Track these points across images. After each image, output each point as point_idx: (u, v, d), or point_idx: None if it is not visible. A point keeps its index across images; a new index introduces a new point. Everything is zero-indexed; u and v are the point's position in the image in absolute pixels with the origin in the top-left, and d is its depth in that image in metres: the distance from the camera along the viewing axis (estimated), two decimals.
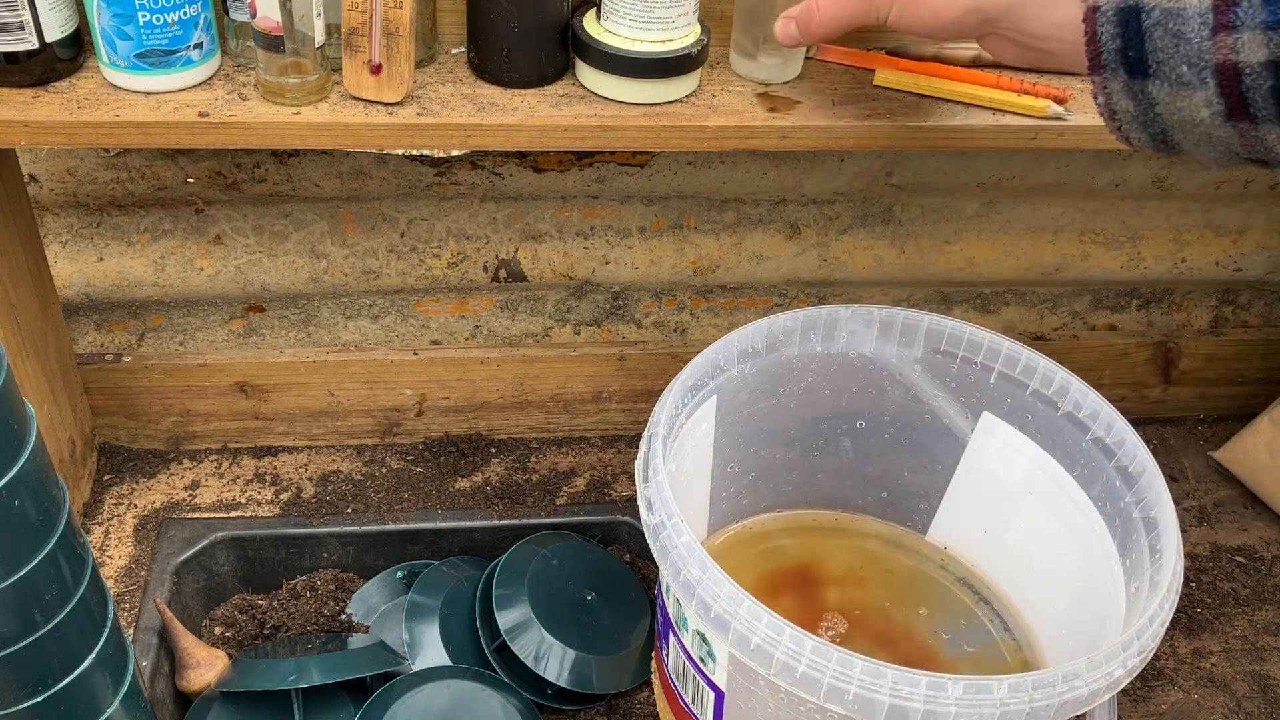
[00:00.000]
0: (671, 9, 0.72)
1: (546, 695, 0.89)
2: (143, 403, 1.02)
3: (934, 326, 0.85)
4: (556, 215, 1.01)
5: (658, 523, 0.70)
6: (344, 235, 0.99)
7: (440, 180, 0.96)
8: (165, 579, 0.92)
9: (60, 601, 0.59)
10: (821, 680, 0.62)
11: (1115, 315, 1.18)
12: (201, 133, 0.71)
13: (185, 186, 0.94)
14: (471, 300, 1.06)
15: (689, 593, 0.67)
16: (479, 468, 1.06)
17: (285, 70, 0.71)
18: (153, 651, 0.87)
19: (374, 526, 0.99)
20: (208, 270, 0.99)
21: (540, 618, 0.90)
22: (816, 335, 0.86)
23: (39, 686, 0.60)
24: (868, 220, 1.05)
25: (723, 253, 1.05)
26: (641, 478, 0.74)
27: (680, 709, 0.80)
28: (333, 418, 1.06)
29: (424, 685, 0.85)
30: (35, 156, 0.91)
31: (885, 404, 0.90)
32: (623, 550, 1.02)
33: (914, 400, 0.89)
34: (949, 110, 0.78)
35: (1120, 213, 1.09)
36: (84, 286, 0.99)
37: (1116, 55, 0.51)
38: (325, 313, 1.04)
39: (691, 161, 0.98)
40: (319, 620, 0.94)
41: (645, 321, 1.10)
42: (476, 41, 0.75)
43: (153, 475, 1.02)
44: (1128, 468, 0.77)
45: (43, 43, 0.69)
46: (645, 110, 0.75)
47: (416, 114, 0.73)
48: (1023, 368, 0.83)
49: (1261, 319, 1.20)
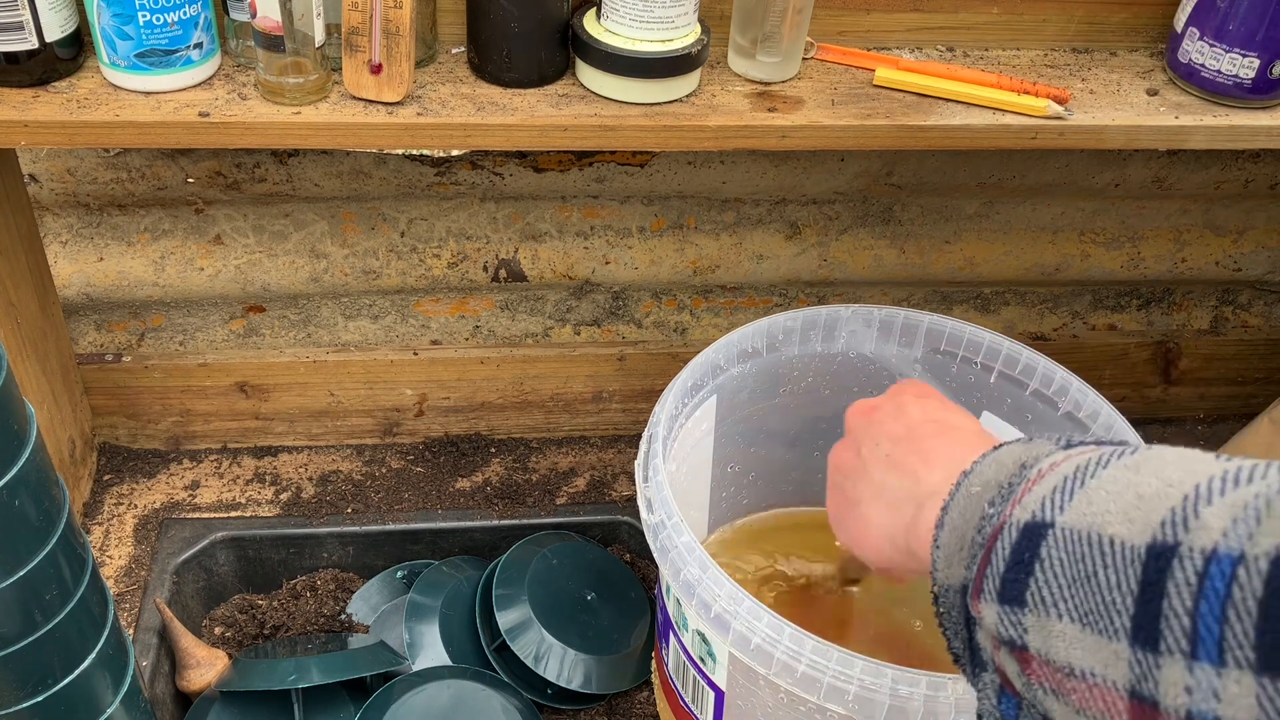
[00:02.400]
0: (671, 9, 0.72)
1: (546, 695, 0.89)
2: (143, 403, 1.02)
3: (934, 326, 0.85)
4: (556, 215, 1.01)
5: (658, 522, 0.70)
6: (344, 235, 0.99)
7: (440, 180, 0.96)
8: (165, 579, 0.92)
9: (60, 601, 0.59)
10: (821, 680, 0.62)
11: (1115, 315, 1.18)
12: (201, 133, 0.71)
13: (185, 186, 0.94)
14: (471, 300, 1.06)
15: (689, 592, 0.67)
16: (479, 468, 1.06)
17: (285, 70, 0.71)
18: (153, 651, 0.87)
19: (374, 526, 0.99)
20: (208, 270, 0.99)
21: (540, 618, 0.90)
22: (816, 335, 0.86)
23: (39, 686, 0.60)
24: (868, 220, 1.05)
25: (723, 253, 1.05)
26: (641, 477, 0.74)
27: (680, 709, 0.80)
28: (333, 418, 1.06)
29: (424, 685, 0.85)
30: (35, 156, 0.91)
31: None
32: (623, 550, 1.02)
33: None
34: (949, 110, 0.78)
35: (1120, 212, 1.09)
36: (84, 286, 0.99)
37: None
38: (325, 313, 1.04)
39: (691, 161, 0.98)
40: (319, 620, 0.94)
41: (645, 321, 1.10)
42: (476, 41, 0.75)
43: (153, 475, 1.02)
44: None
45: (43, 42, 0.69)
46: (645, 110, 0.75)
47: (416, 114, 0.73)
48: (1023, 368, 0.83)
49: (1262, 319, 1.20)
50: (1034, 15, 0.83)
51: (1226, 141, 0.80)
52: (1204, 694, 0.31)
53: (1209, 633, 0.31)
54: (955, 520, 0.44)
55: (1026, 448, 0.44)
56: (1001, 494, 0.42)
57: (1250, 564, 0.31)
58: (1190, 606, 0.32)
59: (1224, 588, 0.31)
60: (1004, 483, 0.42)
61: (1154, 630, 0.33)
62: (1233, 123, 0.79)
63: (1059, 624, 0.37)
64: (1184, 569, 0.33)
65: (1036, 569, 0.38)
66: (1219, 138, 0.80)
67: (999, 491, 0.42)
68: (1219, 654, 0.31)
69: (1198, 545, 0.33)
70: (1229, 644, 0.31)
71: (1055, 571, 0.37)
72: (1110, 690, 0.35)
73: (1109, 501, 0.37)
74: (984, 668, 0.42)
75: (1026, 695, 0.40)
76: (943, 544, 0.44)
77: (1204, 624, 0.32)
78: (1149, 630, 0.33)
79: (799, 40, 0.77)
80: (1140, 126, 0.79)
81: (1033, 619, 0.38)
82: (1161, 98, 0.81)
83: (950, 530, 0.44)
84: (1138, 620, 0.34)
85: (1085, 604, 0.36)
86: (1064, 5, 0.83)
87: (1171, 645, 0.33)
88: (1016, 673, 0.39)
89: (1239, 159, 1.05)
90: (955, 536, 0.43)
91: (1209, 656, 0.31)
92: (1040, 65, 0.84)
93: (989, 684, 0.42)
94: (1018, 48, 0.85)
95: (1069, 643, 0.36)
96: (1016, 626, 0.39)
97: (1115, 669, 0.35)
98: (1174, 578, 0.33)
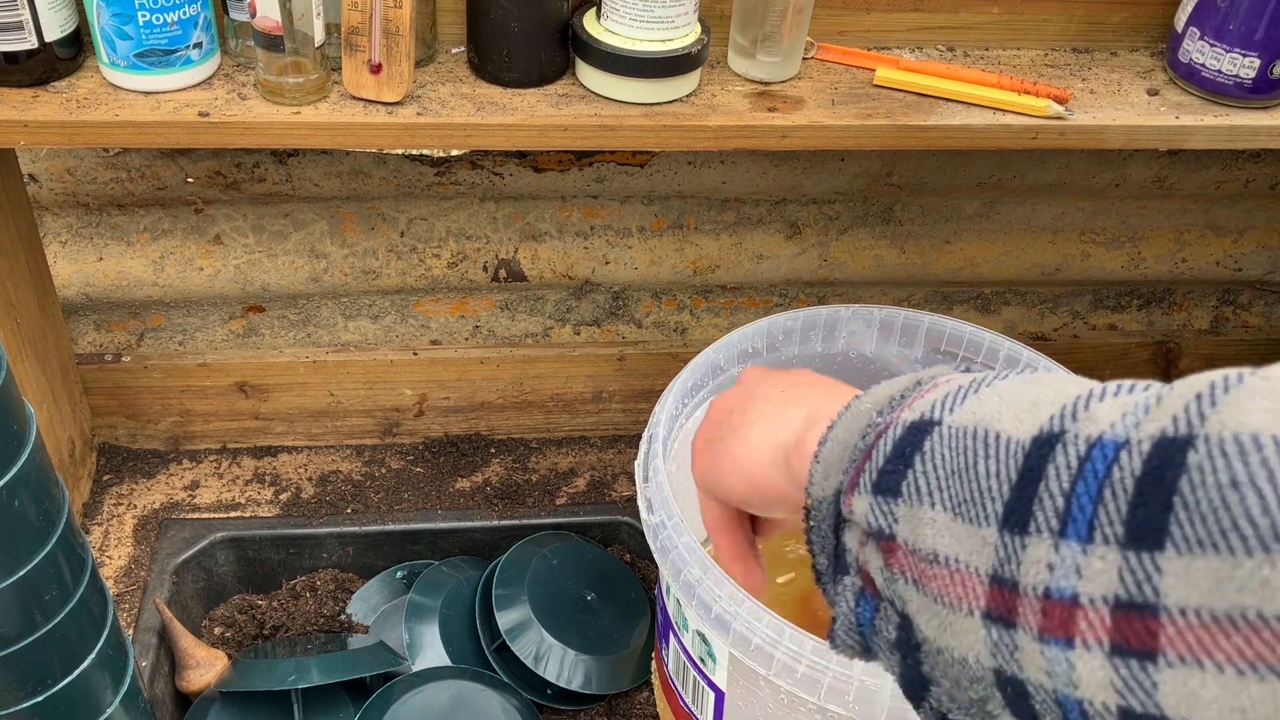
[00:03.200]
0: (671, 8, 0.72)
1: (546, 695, 0.89)
2: (142, 403, 1.02)
3: (934, 327, 0.85)
4: (556, 215, 1.01)
5: (658, 523, 0.70)
6: (344, 235, 0.99)
7: (440, 180, 0.96)
8: (165, 579, 0.92)
9: (60, 601, 0.59)
10: (821, 680, 0.62)
11: (1116, 315, 1.18)
12: (201, 132, 0.71)
13: (185, 186, 0.94)
14: (471, 300, 1.06)
15: (689, 593, 0.66)
16: (479, 468, 1.06)
17: (285, 70, 0.71)
18: (153, 651, 0.87)
19: (374, 526, 0.99)
20: (207, 270, 0.99)
21: (540, 618, 0.90)
22: (817, 335, 0.86)
23: (39, 686, 0.60)
24: (868, 220, 1.05)
25: (723, 253, 1.05)
26: (642, 478, 0.74)
27: (680, 709, 0.80)
28: (332, 418, 1.06)
29: (424, 685, 0.85)
30: (35, 156, 0.90)
31: None
32: (623, 550, 1.02)
33: None
34: (949, 110, 0.78)
35: (1120, 212, 1.09)
36: (84, 286, 0.99)
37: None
38: (325, 313, 1.04)
39: (691, 161, 0.98)
40: (319, 620, 0.94)
41: (645, 321, 1.10)
42: (476, 41, 0.75)
43: (152, 475, 1.02)
44: None
45: (42, 42, 0.69)
46: (645, 110, 0.75)
47: (416, 113, 0.72)
48: (1023, 368, 0.83)
49: (1262, 319, 1.20)
50: (1034, 15, 0.83)
51: (1227, 141, 0.80)
52: (1066, 570, 0.32)
53: (1081, 512, 0.32)
54: (839, 435, 0.43)
55: (925, 371, 0.44)
56: (891, 404, 0.42)
57: (1133, 447, 0.31)
58: (1066, 488, 0.32)
59: (1104, 469, 0.32)
60: (895, 395, 0.42)
61: (1025, 513, 0.33)
62: (1233, 123, 0.79)
63: (930, 512, 0.37)
64: (1066, 454, 0.33)
65: (916, 461, 0.38)
66: (1219, 138, 0.80)
67: (889, 403, 0.42)
68: (1089, 532, 0.31)
69: (1083, 434, 0.33)
70: (1099, 521, 0.31)
71: (935, 464, 0.37)
72: (971, 575, 0.35)
73: (1001, 405, 0.37)
74: (846, 571, 0.42)
75: (886, 593, 0.39)
76: (823, 458, 0.43)
77: (1078, 504, 0.32)
78: (1020, 514, 0.34)
79: (799, 40, 0.77)
80: (1141, 126, 0.79)
81: (904, 509, 0.38)
82: (1162, 98, 0.81)
83: (833, 444, 0.43)
84: (1010, 506, 0.34)
85: (960, 494, 0.36)
86: (1064, 5, 0.83)
87: (1041, 525, 0.33)
88: (880, 567, 0.39)
89: (1239, 159, 1.05)
90: (837, 449, 0.43)
91: (1077, 535, 0.32)
92: (1041, 65, 0.84)
93: (848, 587, 0.42)
94: (1018, 47, 0.85)
95: (937, 530, 0.36)
96: (887, 516, 0.38)
97: (980, 555, 0.35)
98: (1054, 462, 0.33)
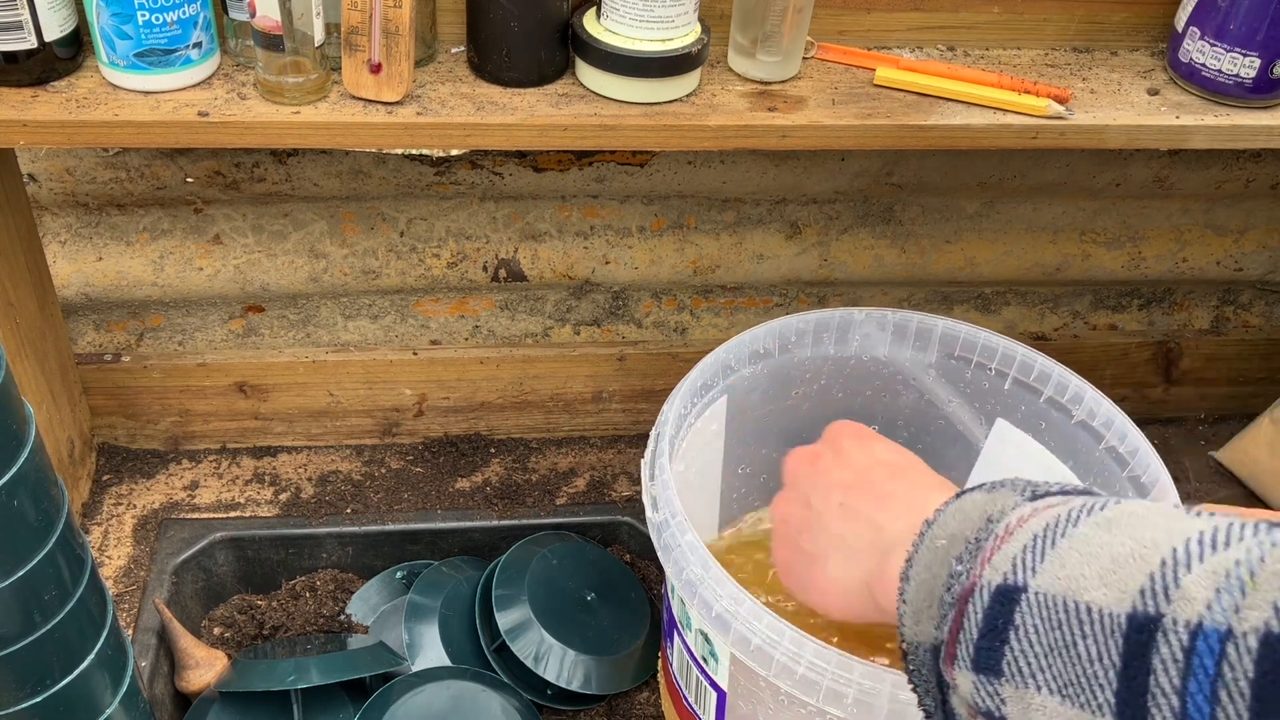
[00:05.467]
0: (671, 8, 0.72)
1: (546, 696, 0.89)
2: (142, 403, 1.02)
3: (948, 331, 0.85)
4: (556, 215, 1.01)
5: (661, 521, 0.70)
6: (343, 235, 0.99)
7: (440, 180, 0.96)
8: (164, 579, 0.92)
9: (59, 601, 0.59)
10: (820, 683, 0.62)
11: (1116, 315, 1.17)
12: (201, 132, 0.71)
13: (184, 186, 0.94)
14: (471, 300, 1.05)
15: (691, 592, 0.66)
16: (479, 468, 1.06)
17: (285, 69, 0.71)
18: (152, 652, 0.87)
19: (373, 526, 0.98)
20: (207, 270, 0.99)
21: (540, 618, 0.89)
22: (829, 337, 0.86)
23: (38, 686, 0.60)
24: (868, 220, 1.05)
25: (723, 252, 1.05)
26: (647, 476, 0.74)
27: (684, 708, 0.80)
28: (332, 418, 1.06)
29: (424, 686, 0.84)
30: (34, 156, 0.90)
31: (899, 408, 0.89)
32: (623, 550, 1.02)
33: (928, 405, 0.88)
34: (949, 109, 0.77)
35: (1121, 212, 1.09)
36: (83, 286, 0.99)
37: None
38: (325, 313, 1.04)
39: (691, 161, 0.98)
40: (318, 620, 0.94)
41: (645, 321, 1.10)
42: (476, 40, 0.75)
43: (152, 475, 1.02)
44: (1140, 478, 0.77)
45: (42, 42, 0.69)
46: (645, 109, 0.75)
47: (416, 113, 0.72)
48: (1037, 375, 0.83)
49: (1263, 319, 1.20)
50: (1035, 15, 0.83)
51: (1227, 141, 0.80)
52: None
53: (1199, 713, 0.31)
54: (921, 574, 0.42)
55: (990, 497, 0.43)
56: (969, 550, 0.41)
57: (1239, 641, 0.30)
58: (1178, 685, 0.31)
59: (1213, 666, 0.31)
60: (970, 538, 0.41)
61: (1141, 707, 0.32)
62: (1234, 122, 0.79)
63: (1038, 696, 0.36)
64: (1169, 643, 0.32)
65: (1011, 637, 0.37)
66: (1220, 137, 0.80)
67: (966, 547, 0.41)
68: None
69: (1182, 618, 0.32)
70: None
71: (1031, 640, 0.36)
72: None
73: (1083, 565, 0.35)
74: None
75: None
76: (909, 599, 0.43)
77: (1193, 703, 0.31)
78: (1135, 707, 0.32)
79: (799, 39, 0.77)
80: (1141, 126, 0.79)
81: (1010, 689, 0.37)
82: (1162, 97, 0.81)
83: (917, 585, 0.42)
84: (1122, 696, 0.33)
85: (1065, 675, 0.35)
86: (1065, 4, 0.83)
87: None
88: None
89: (1240, 159, 1.05)
90: (923, 592, 0.42)
91: None
92: (1041, 65, 0.83)
93: None
94: (1018, 47, 0.85)
95: (1050, 716, 0.35)
96: (994, 697, 0.37)
97: None
98: (1159, 652, 0.32)
